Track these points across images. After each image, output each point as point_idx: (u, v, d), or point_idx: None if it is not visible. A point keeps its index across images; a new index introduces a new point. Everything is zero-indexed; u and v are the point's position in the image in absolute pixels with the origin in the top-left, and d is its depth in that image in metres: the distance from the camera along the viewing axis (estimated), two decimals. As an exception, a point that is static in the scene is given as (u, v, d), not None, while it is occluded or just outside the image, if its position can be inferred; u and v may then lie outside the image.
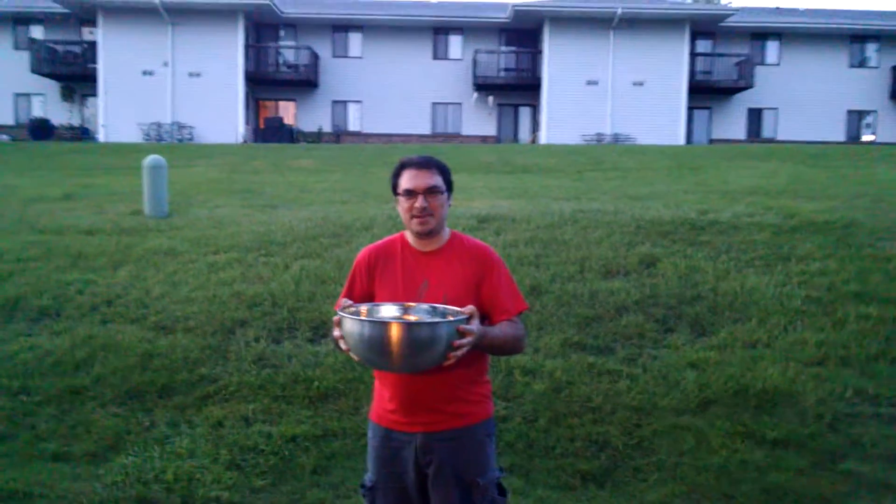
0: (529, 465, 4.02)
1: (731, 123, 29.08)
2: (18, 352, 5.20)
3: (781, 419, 4.35)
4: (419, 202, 2.28)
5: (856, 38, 29.06)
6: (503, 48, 28.78)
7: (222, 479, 3.80)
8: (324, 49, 28.80)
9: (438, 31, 28.96)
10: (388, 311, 2.24)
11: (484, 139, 28.64)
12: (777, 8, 32.41)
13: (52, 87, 28.62)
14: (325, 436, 4.27)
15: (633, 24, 26.85)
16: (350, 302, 2.18)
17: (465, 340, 2.04)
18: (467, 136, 28.74)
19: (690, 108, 27.96)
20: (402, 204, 2.33)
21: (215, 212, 9.91)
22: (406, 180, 2.31)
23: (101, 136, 26.54)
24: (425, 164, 2.33)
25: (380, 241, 2.45)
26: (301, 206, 10.31)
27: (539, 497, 3.74)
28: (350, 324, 2.04)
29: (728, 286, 6.18)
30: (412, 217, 2.30)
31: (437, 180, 2.31)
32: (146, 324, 5.66)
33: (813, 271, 6.52)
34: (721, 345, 5.28)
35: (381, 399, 2.37)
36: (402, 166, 2.35)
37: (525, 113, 29.47)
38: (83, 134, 28.08)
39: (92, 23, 27.42)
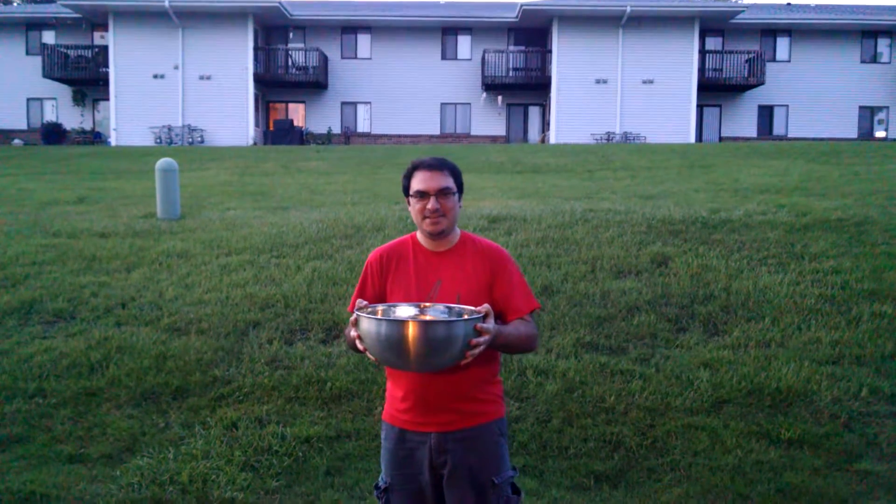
0: (543, 466, 4.02)
1: (741, 121, 28.94)
2: (34, 354, 5.24)
3: (796, 419, 4.33)
4: (431, 203, 2.29)
5: (867, 33, 28.86)
6: (512, 48, 28.76)
7: (237, 480, 3.81)
8: (333, 51, 28.87)
9: (447, 32, 28.97)
10: (405, 311, 2.25)
11: (493, 139, 28.63)
12: (787, 4, 32.22)
13: (64, 92, 28.83)
14: (339, 437, 4.28)
15: (642, 21, 26.77)
16: (366, 302, 2.19)
17: (481, 339, 2.05)
18: (476, 137, 28.74)
19: (700, 106, 27.85)
20: (414, 205, 2.34)
21: (227, 214, 9.95)
22: (418, 182, 2.33)
23: (113, 140, 26.71)
24: (437, 165, 2.34)
25: (391, 242, 2.46)
26: (312, 208, 10.34)
27: (553, 497, 3.73)
28: (367, 323, 2.05)
29: (741, 285, 6.16)
30: (424, 218, 2.32)
31: (449, 182, 2.33)
32: (160, 326, 5.69)
33: (826, 269, 6.49)
34: (734, 344, 5.26)
35: (394, 399, 2.38)
36: (415, 168, 2.37)
37: (534, 112, 29.43)
38: (95, 138, 28.27)
39: (103, 27, 27.62)
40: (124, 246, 7.82)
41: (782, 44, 29.06)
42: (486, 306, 2.12)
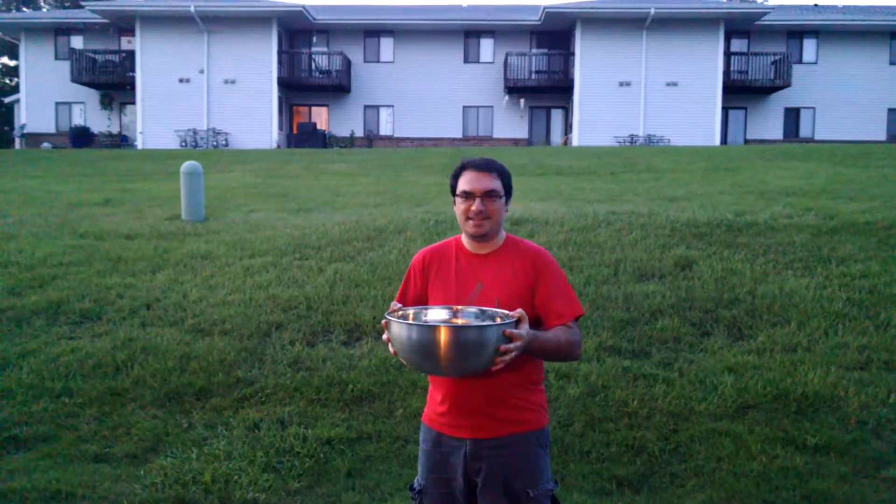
0: (565, 470, 3.99)
1: (767, 123, 28.60)
2: (61, 354, 5.31)
3: (823, 425, 4.26)
4: (476, 205, 2.25)
5: (896, 34, 28.42)
6: (534, 50, 28.70)
7: (259, 481, 3.83)
8: (356, 54, 29.01)
9: (469, 35, 28.98)
10: (436, 314, 2.23)
11: (516, 142, 28.59)
12: (815, 5, 31.79)
13: (91, 96, 29.26)
14: (360, 439, 4.29)
15: (666, 23, 26.58)
16: (399, 305, 2.18)
17: (512, 345, 2.00)
18: (499, 139, 28.70)
19: (725, 109, 27.57)
20: (459, 205, 2.30)
21: (251, 216, 10.03)
22: (465, 182, 2.29)
23: (139, 143, 27.06)
24: (486, 166, 2.30)
25: (436, 244, 2.44)
26: (335, 210, 10.39)
27: (574, 502, 3.71)
28: (397, 327, 2.05)
29: (766, 289, 6.08)
30: (467, 219, 2.28)
31: (496, 184, 2.29)
32: (184, 327, 5.74)
33: (854, 273, 6.39)
34: (760, 349, 5.19)
35: (434, 402, 2.35)
36: (463, 167, 2.32)
37: (557, 115, 29.34)
38: (122, 141, 28.66)
39: (130, 32, 28.01)
40: (149, 247, 7.91)
41: (809, 45, 28.69)
42: (519, 311, 2.07)
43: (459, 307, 2.23)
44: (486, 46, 29.06)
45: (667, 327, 5.53)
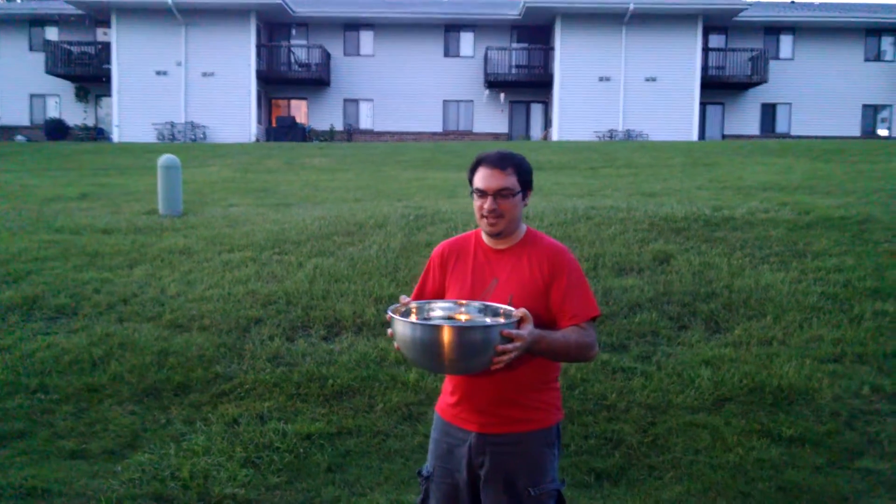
0: (544, 463, 4.01)
1: (744, 119, 28.88)
2: (36, 350, 5.24)
3: (798, 417, 4.32)
4: (489, 204, 2.20)
5: (871, 31, 28.77)
6: (515, 45, 28.72)
7: (238, 476, 3.82)
8: (335, 48, 28.86)
9: (450, 29, 28.94)
10: (441, 309, 2.21)
11: (496, 136, 28.60)
12: (791, 2, 32.13)
13: (66, 88, 28.85)
14: (340, 434, 4.29)
15: (645, 19, 26.72)
16: (408, 299, 2.17)
17: (510, 346, 1.96)
18: (479, 134, 28.71)
19: (703, 104, 27.80)
20: (475, 201, 2.26)
21: (229, 211, 9.96)
22: (479, 179, 2.23)
23: (116, 136, 26.74)
24: (499, 162, 2.23)
25: (456, 237, 2.41)
26: (314, 205, 10.34)
27: (554, 495, 3.73)
28: (397, 325, 2.03)
29: (743, 283, 6.15)
30: (482, 217, 2.24)
31: (511, 181, 2.22)
32: (162, 322, 5.70)
33: (829, 268, 6.48)
34: (736, 342, 5.25)
35: (446, 392, 2.35)
36: (479, 162, 2.26)
37: (537, 110, 29.40)
38: (98, 134, 28.30)
39: (106, 24, 27.63)
40: (126, 242, 7.83)
41: (786, 41, 29.00)
42: (522, 310, 2.03)
43: (465, 301, 2.21)
44: (467, 40, 29.04)
45: (645, 321, 5.58)
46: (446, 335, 1.94)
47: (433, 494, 2.35)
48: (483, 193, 2.22)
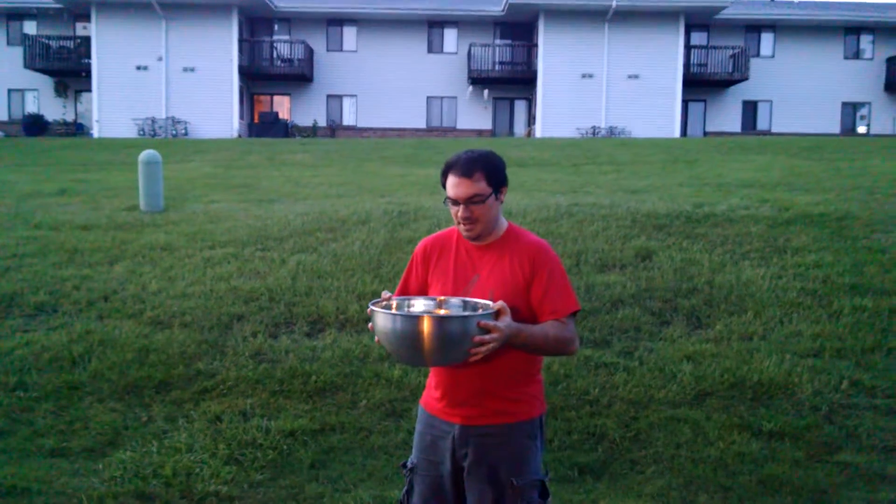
0: (527, 458, 4.03)
1: (725, 116, 29.12)
2: (15, 348, 5.18)
3: (777, 411, 4.37)
4: (462, 212, 2.23)
5: (850, 29, 29.11)
6: (498, 41, 28.74)
7: (220, 473, 3.80)
8: (318, 43, 28.73)
9: (433, 25, 28.91)
10: (420, 305, 2.25)
11: (479, 133, 28.63)
12: (772, 0, 32.41)
13: (45, 83, 28.51)
14: (324, 430, 4.28)
15: (627, 16, 26.83)
16: (389, 294, 2.20)
17: (487, 336, 1.99)
18: (462, 130, 28.73)
19: (685, 101, 27.99)
20: (450, 208, 2.28)
21: (211, 207, 9.89)
22: (449, 187, 2.24)
23: (96, 132, 26.46)
24: (467, 170, 2.21)
25: (438, 233, 2.43)
26: (297, 201, 10.30)
27: (537, 489, 3.74)
28: (377, 317, 2.07)
29: (724, 279, 6.20)
30: (458, 223, 2.27)
31: (479, 187, 2.21)
32: (143, 319, 5.65)
33: (808, 263, 6.55)
34: (717, 337, 5.30)
35: (430, 386, 2.37)
36: (448, 168, 2.26)
37: (520, 106, 29.45)
38: (77, 129, 27.99)
39: (85, 18, 27.30)
40: (107, 238, 7.75)
41: (766, 39, 29.25)
42: (500, 303, 2.07)
43: (444, 298, 2.24)
44: (450, 37, 29.02)
45: (627, 317, 5.61)
46: (426, 326, 1.97)
47: (417, 486, 2.36)
48: (455, 202, 2.24)
